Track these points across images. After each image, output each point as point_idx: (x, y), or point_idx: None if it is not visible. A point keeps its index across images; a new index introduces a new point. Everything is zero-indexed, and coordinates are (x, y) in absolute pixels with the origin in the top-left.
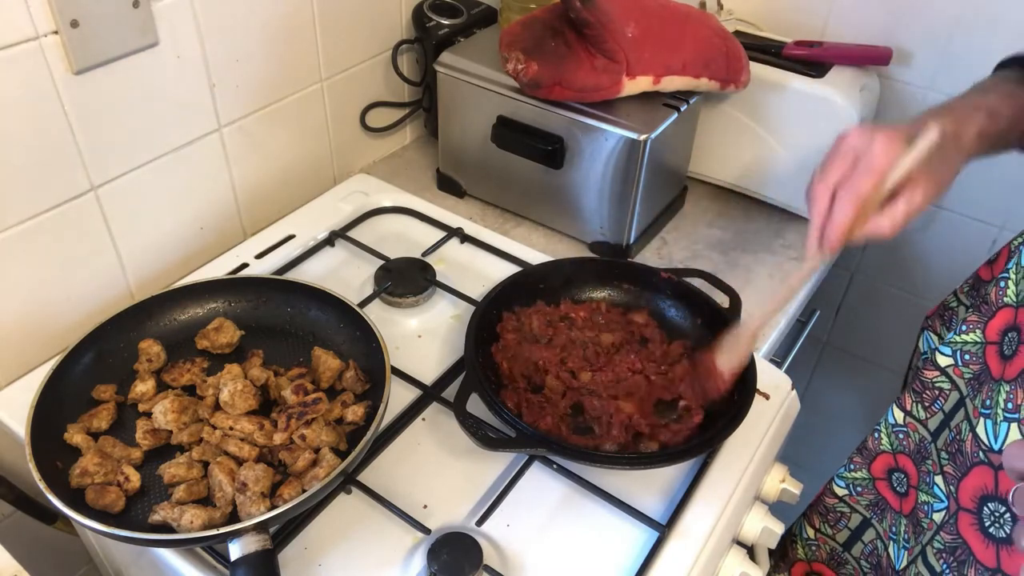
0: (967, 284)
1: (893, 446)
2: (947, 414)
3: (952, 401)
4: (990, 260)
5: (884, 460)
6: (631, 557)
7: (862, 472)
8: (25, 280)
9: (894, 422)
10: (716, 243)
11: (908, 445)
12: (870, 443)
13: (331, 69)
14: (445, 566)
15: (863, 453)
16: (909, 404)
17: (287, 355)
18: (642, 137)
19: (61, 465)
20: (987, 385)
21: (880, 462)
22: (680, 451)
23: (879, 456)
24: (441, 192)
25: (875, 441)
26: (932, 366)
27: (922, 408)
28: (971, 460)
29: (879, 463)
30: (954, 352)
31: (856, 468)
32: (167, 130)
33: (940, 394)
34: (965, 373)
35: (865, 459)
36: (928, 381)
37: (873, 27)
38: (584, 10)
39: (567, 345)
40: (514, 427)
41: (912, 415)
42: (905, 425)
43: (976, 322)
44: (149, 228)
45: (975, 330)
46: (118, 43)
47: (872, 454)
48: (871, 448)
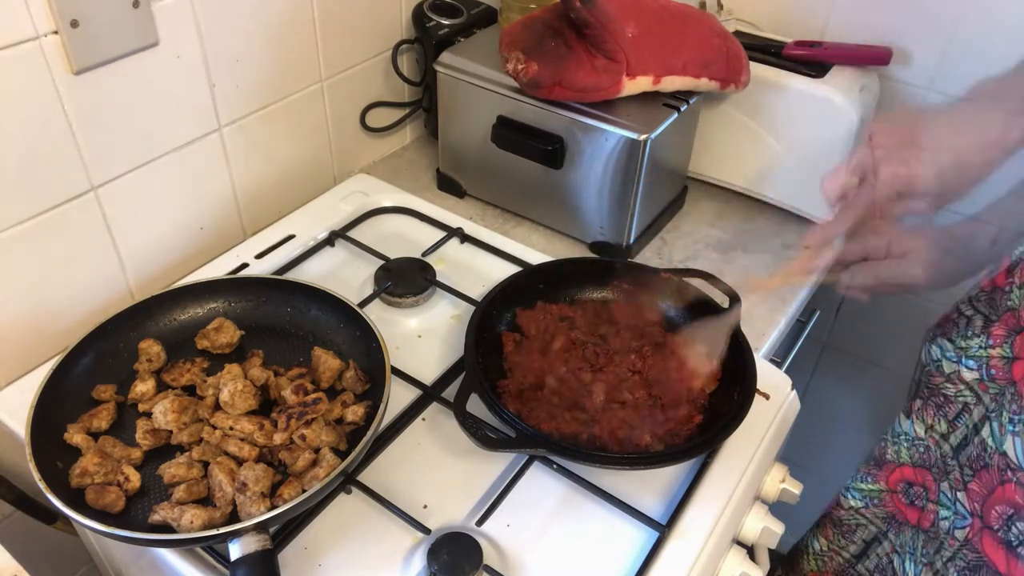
0: (984, 293)
1: (912, 459)
2: (970, 429)
3: (977, 416)
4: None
5: (900, 473)
6: (631, 557)
7: (876, 484)
8: (25, 280)
9: (913, 435)
10: (716, 243)
11: (928, 459)
12: (880, 453)
13: (331, 69)
14: (445, 566)
15: (874, 464)
16: (931, 418)
17: (287, 355)
18: (642, 137)
19: (61, 465)
20: (1015, 402)
21: (896, 475)
22: (680, 451)
23: (896, 469)
24: (441, 192)
25: (883, 450)
26: (957, 380)
27: (945, 422)
28: (998, 478)
29: (894, 475)
30: (980, 366)
31: (871, 480)
32: (167, 130)
33: (964, 408)
34: (991, 388)
35: (880, 471)
36: (951, 395)
37: (873, 27)
38: (584, 10)
39: (567, 345)
40: (514, 427)
41: (935, 430)
42: (926, 439)
43: (1003, 336)
44: (149, 228)
45: (1003, 344)
46: (118, 43)
47: (888, 466)
48: (882, 459)
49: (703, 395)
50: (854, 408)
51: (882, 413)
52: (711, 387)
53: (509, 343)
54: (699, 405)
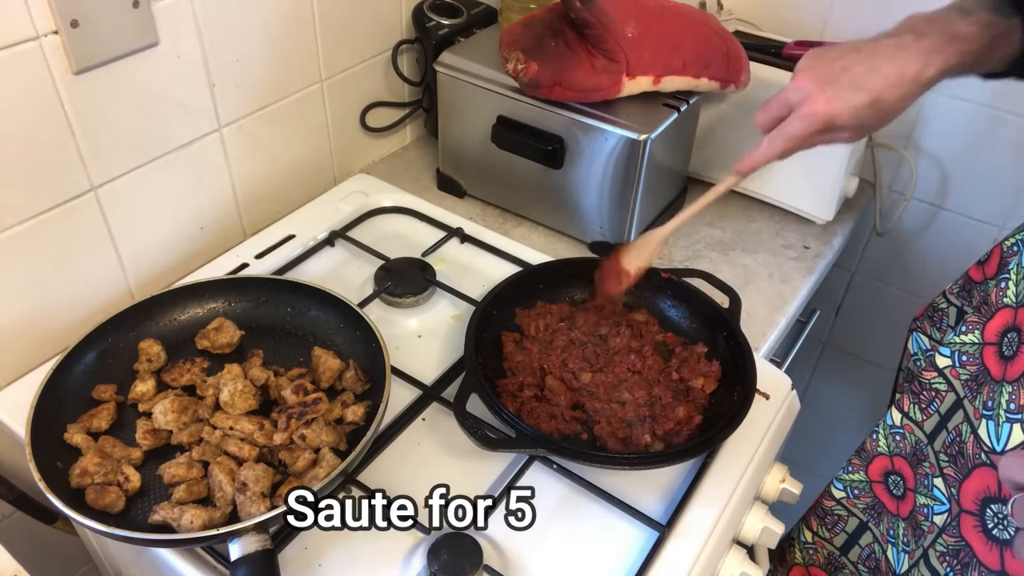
0: (956, 285)
1: (890, 448)
2: (943, 416)
3: (948, 403)
4: (980, 261)
5: (881, 463)
6: (631, 557)
7: (859, 475)
8: (25, 280)
9: (891, 424)
10: (716, 243)
11: (904, 447)
12: (868, 445)
13: (331, 69)
14: (445, 566)
15: (861, 455)
16: (907, 406)
17: (287, 355)
18: (642, 137)
19: (61, 465)
20: (987, 386)
21: (877, 464)
22: (680, 451)
23: (876, 458)
24: (441, 192)
25: (873, 443)
26: (930, 367)
27: (919, 410)
28: (973, 462)
29: (876, 465)
30: (952, 353)
31: (854, 470)
32: (167, 130)
33: (936, 395)
34: (962, 374)
35: (863, 461)
36: (925, 382)
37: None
38: (584, 10)
39: (567, 345)
40: (514, 427)
41: (909, 417)
42: (902, 427)
43: (976, 323)
44: (149, 228)
45: (974, 331)
46: (118, 43)
47: (870, 456)
48: (869, 450)
49: (703, 395)
50: (854, 408)
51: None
52: (711, 387)
53: (509, 343)
54: (699, 405)
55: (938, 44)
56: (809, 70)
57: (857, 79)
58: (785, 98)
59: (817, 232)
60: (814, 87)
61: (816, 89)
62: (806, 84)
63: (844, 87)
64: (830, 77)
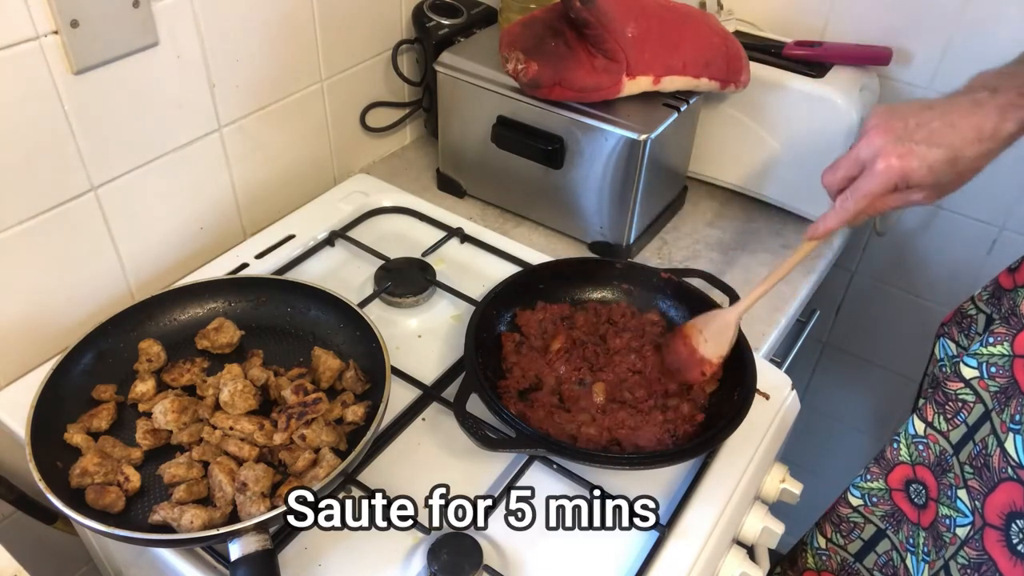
0: (986, 291)
1: (912, 457)
2: (971, 427)
3: (976, 414)
4: (1011, 267)
5: (902, 471)
6: (631, 557)
7: (879, 483)
8: (25, 280)
9: (914, 433)
10: (716, 243)
11: (928, 457)
12: (888, 453)
13: (331, 69)
14: (445, 566)
15: (880, 463)
16: (931, 415)
17: (287, 355)
18: (642, 137)
19: (61, 465)
20: (1016, 399)
21: (898, 473)
22: (680, 451)
23: (897, 467)
24: (441, 192)
25: (894, 452)
26: (956, 377)
27: (944, 420)
28: (999, 476)
29: (896, 474)
30: (980, 364)
31: (873, 478)
32: (167, 130)
33: (964, 406)
34: (991, 386)
35: (883, 470)
36: (951, 392)
37: (873, 27)
38: (584, 10)
39: (567, 345)
40: (514, 427)
41: (933, 427)
42: (925, 437)
43: (1004, 334)
44: (149, 228)
45: (1003, 342)
46: (118, 43)
47: (890, 465)
48: (889, 459)
49: (703, 395)
50: (854, 408)
51: (882, 413)
52: (711, 387)
53: (509, 343)
54: (699, 405)
55: (1014, 99)
56: (881, 126)
57: (933, 135)
58: (856, 155)
59: None
60: (887, 142)
61: (889, 144)
62: (878, 140)
63: (920, 143)
64: (904, 133)
